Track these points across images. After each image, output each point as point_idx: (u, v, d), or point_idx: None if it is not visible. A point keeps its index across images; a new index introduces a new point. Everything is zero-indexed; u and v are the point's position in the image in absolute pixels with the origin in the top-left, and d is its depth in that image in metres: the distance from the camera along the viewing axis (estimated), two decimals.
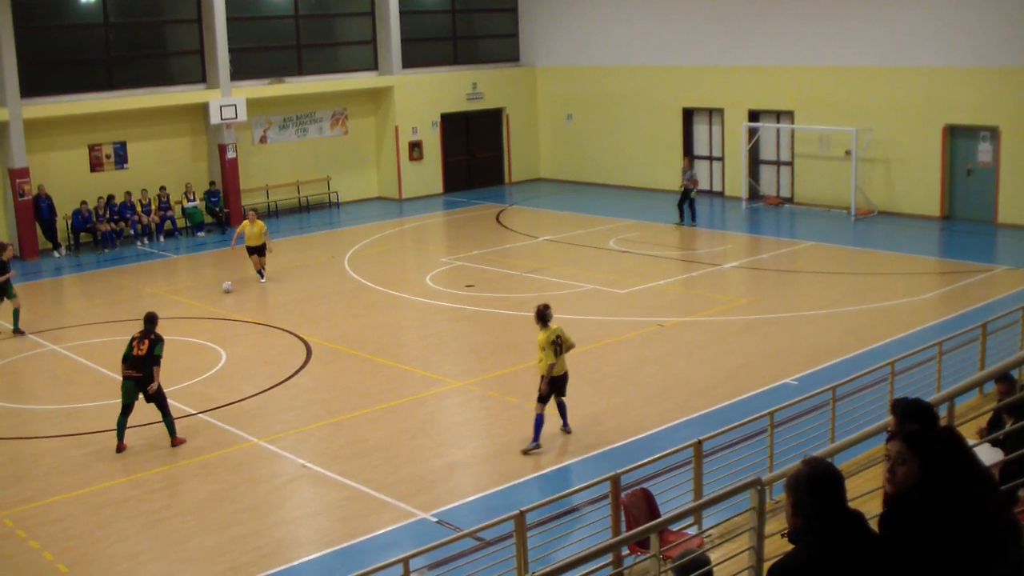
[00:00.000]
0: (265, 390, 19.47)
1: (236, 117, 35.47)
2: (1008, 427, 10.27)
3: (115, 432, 16.86)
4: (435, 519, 14.03)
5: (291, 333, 22.98)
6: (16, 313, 23.84)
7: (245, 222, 27.87)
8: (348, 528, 13.95)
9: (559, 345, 16.15)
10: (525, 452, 16.08)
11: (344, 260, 30.07)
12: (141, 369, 16.62)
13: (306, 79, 38.48)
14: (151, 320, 17.04)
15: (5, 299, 23.72)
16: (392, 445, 16.76)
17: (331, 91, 39.12)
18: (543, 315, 16.20)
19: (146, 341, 16.69)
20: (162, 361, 16.88)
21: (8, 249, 24.07)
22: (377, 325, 23.53)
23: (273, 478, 15.78)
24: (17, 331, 23.75)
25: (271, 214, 37.86)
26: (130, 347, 16.77)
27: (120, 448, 16.77)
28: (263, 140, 38.07)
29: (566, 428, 16.69)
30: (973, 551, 5.97)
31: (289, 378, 20.14)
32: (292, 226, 36.17)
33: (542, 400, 16.14)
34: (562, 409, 16.65)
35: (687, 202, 33.06)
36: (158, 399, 16.86)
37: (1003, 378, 11.84)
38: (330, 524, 14.20)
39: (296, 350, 21.85)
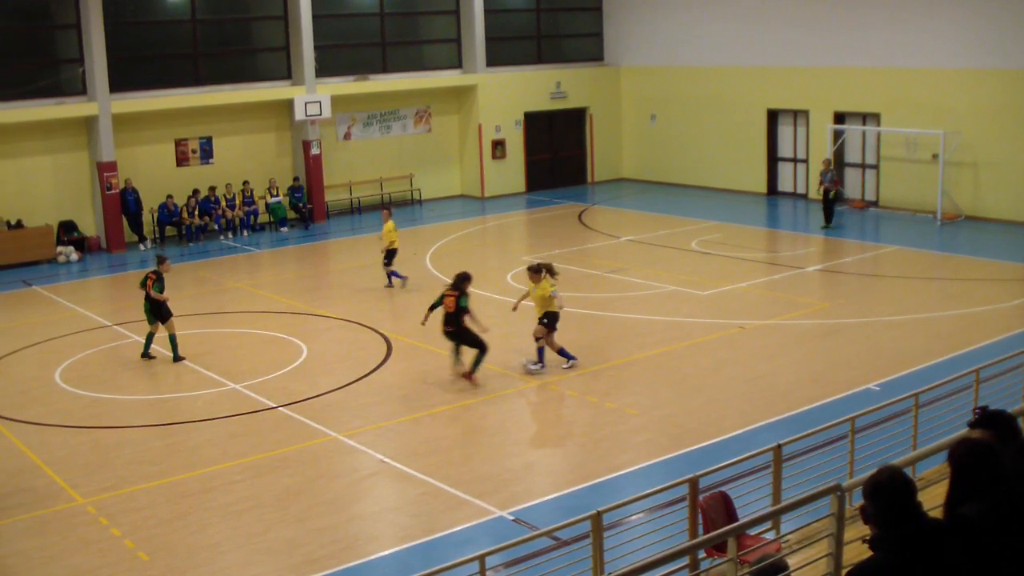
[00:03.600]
0: (345, 385, 19.60)
1: (321, 114, 35.78)
2: None
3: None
4: (512, 517, 14.03)
5: (372, 329, 23.12)
6: (173, 339, 21.38)
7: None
8: (425, 524, 13.99)
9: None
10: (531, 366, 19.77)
11: (426, 257, 30.18)
12: (451, 324, 18.69)
13: (390, 77, 38.73)
14: (460, 278, 18.80)
15: (158, 323, 21.35)
16: (470, 442, 16.80)
17: (415, 89, 39.32)
18: (551, 270, 19.90)
19: (452, 297, 18.55)
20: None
21: (166, 263, 21.60)
22: None
23: (351, 473, 15.89)
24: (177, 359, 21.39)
25: (354, 211, 38.20)
26: (440, 302, 18.99)
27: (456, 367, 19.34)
28: (347, 137, 38.36)
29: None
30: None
31: (369, 374, 20.25)
32: (375, 223, 36.28)
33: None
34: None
35: (829, 203, 32.49)
36: (477, 343, 18.84)
37: None
38: (407, 520, 14.24)
39: (377, 346, 21.97)
